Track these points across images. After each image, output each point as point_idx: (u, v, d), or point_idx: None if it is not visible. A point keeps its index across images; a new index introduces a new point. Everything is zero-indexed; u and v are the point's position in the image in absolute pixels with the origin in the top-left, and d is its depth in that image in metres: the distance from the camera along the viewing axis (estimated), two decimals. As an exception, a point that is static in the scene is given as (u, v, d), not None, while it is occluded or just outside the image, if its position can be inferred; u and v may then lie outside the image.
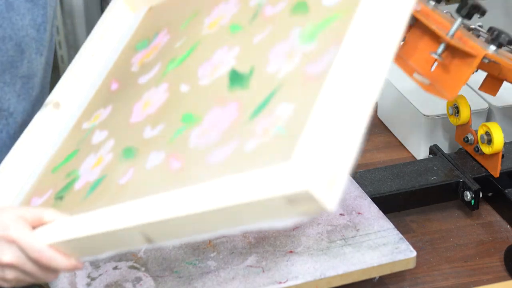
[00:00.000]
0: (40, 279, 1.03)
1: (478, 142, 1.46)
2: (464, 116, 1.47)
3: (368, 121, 0.77)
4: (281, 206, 0.73)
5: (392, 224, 1.34)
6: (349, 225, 1.34)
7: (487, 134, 1.43)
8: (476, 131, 1.47)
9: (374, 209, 1.37)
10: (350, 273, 1.25)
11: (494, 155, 1.43)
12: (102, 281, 1.23)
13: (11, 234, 1.00)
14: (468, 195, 1.44)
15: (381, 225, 1.34)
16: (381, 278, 1.32)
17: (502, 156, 1.46)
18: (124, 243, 0.91)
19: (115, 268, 1.26)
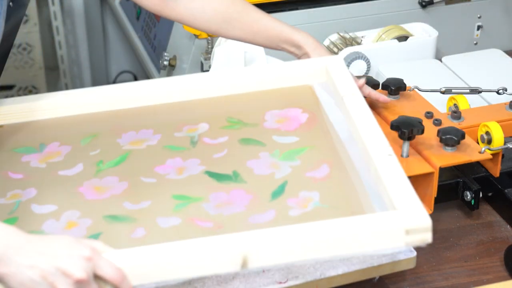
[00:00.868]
0: None
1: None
2: (497, 141, 1.43)
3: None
4: (399, 235, 1.05)
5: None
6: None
7: (487, 134, 1.43)
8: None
9: (374, 209, 1.39)
10: (350, 273, 1.25)
11: (494, 155, 1.43)
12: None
13: (96, 246, 1.03)
14: (468, 195, 1.44)
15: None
16: (381, 278, 1.31)
17: (502, 156, 1.46)
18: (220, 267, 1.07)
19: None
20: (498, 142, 1.42)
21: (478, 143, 1.45)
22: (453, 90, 1.57)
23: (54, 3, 2.80)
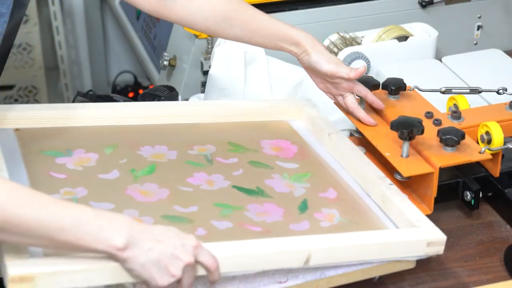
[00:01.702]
0: None
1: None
2: (497, 141, 1.44)
3: None
4: (422, 246, 1.26)
5: (392, 224, 1.35)
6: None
7: (487, 134, 1.43)
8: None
9: (374, 209, 1.40)
10: (350, 273, 1.25)
11: (494, 155, 1.43)
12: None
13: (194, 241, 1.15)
14: (468, 195, 1.44)
15: (381, 225, 1.36)
16: (381, 278, 1.32)
17: (502, 156, 1.46)
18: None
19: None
20: (498, 142, 1.42)
21: (478, 143, 1.45)
22: (453, 90, 1.57)
23: (54, 3, 2.80)
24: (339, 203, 1.36)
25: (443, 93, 1.57)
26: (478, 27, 2.02)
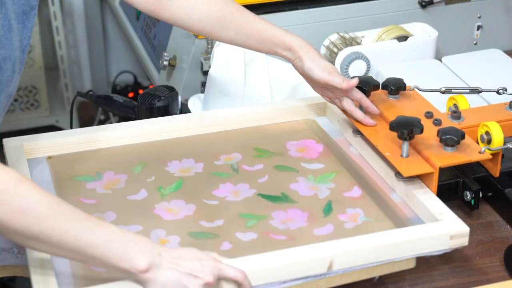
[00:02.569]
0: None
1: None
2: (497, 141, 1.44)
3: None
4: (445, 240, 1.27)
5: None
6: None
7: (487, 134, 1.43)
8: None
9: (374, 209, 1.40)
10: (350, 273, 1.25)
11: (494, 155, 1.43)
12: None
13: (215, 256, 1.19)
14: (468, 195, 1.44)
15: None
16: (381, 278, 1.32)
17: (502, 156, 1.46)
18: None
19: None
20: (498, 142, 1.42)
21: (478, 143, 1.45)
22: (453, 90, 1.57)
23: (54, 3, 2.80)
24: (364, 201, 1.38)
25: (443, 93, 1.57)
26: (478, 27, 2.02)
